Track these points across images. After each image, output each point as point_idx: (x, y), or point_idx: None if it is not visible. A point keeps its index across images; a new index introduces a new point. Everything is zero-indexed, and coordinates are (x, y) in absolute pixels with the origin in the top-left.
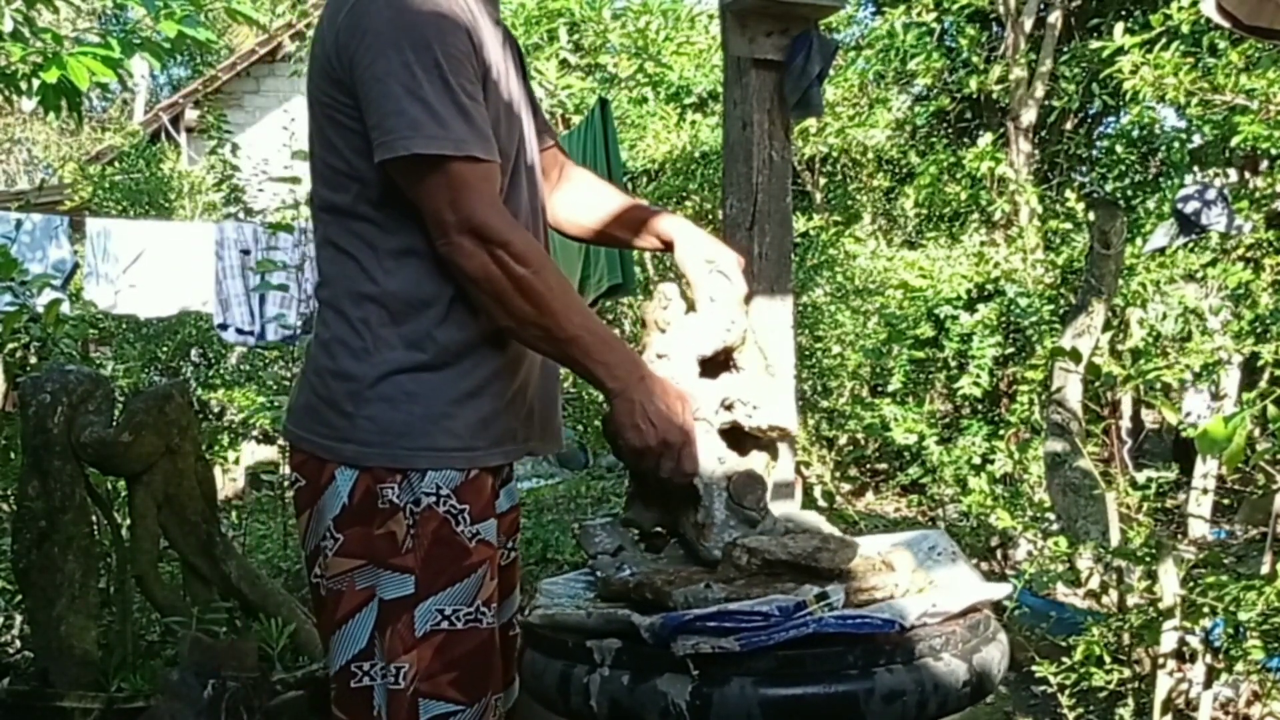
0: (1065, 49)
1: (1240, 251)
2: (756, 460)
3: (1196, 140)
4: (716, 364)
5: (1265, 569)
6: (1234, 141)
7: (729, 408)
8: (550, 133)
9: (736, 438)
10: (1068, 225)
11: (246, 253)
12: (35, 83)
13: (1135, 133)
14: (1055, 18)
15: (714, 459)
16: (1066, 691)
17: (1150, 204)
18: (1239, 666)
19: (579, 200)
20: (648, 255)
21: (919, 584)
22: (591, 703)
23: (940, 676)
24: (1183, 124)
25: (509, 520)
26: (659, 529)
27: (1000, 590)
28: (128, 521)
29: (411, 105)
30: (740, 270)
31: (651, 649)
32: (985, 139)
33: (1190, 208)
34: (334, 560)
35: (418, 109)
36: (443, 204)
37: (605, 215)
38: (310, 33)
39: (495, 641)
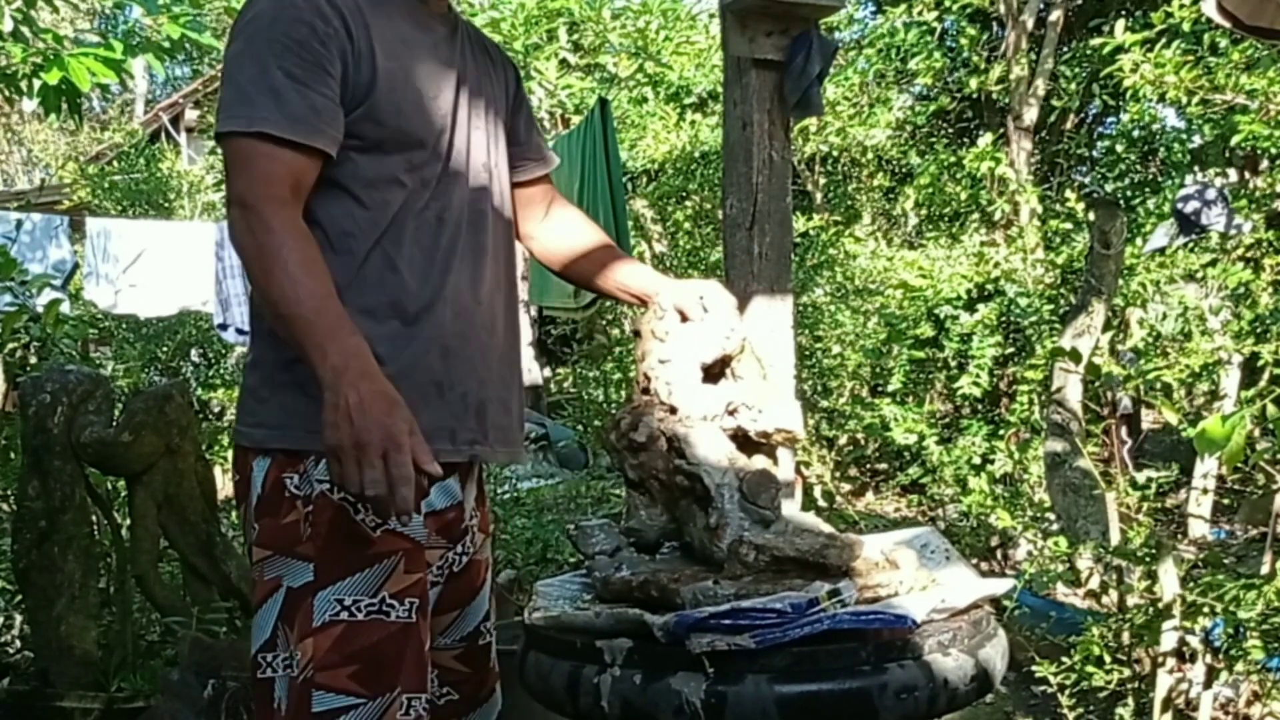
0: (1066, 49)
1: (1240, 251)
2: (758, 465)
3: (1196, 140)
4: (714, 373)
5: (1265, 569)
6: (1234, 141)
7: (733, 413)
8: (543, 161)
9: (741, 443)
10: (1068, 225)
11: None
12: (36, 83)
13: (1135, 133)
14: (1056, 17)
15: (725, 460)
16: (1066, 691)
17: (1150, 204)
18: (1239, 666)
19: (562, 240)
20: (647, 256)
21: (923, 581)
22: (603, 703)
23: (949, 672)
24: (1183, 124)
25: (448, 521)
26: (664, 538)
27: (1002, 586)
28: (128, 521)
29: (228, 89)
30: (733, 305)
31: (664, 648)
32: (985, 139)
33: (1190, 208)
34: (255, 550)
35: (231, 92)
36: (229, 177)
37: (584, 259)
38: None
39: (412, 637)
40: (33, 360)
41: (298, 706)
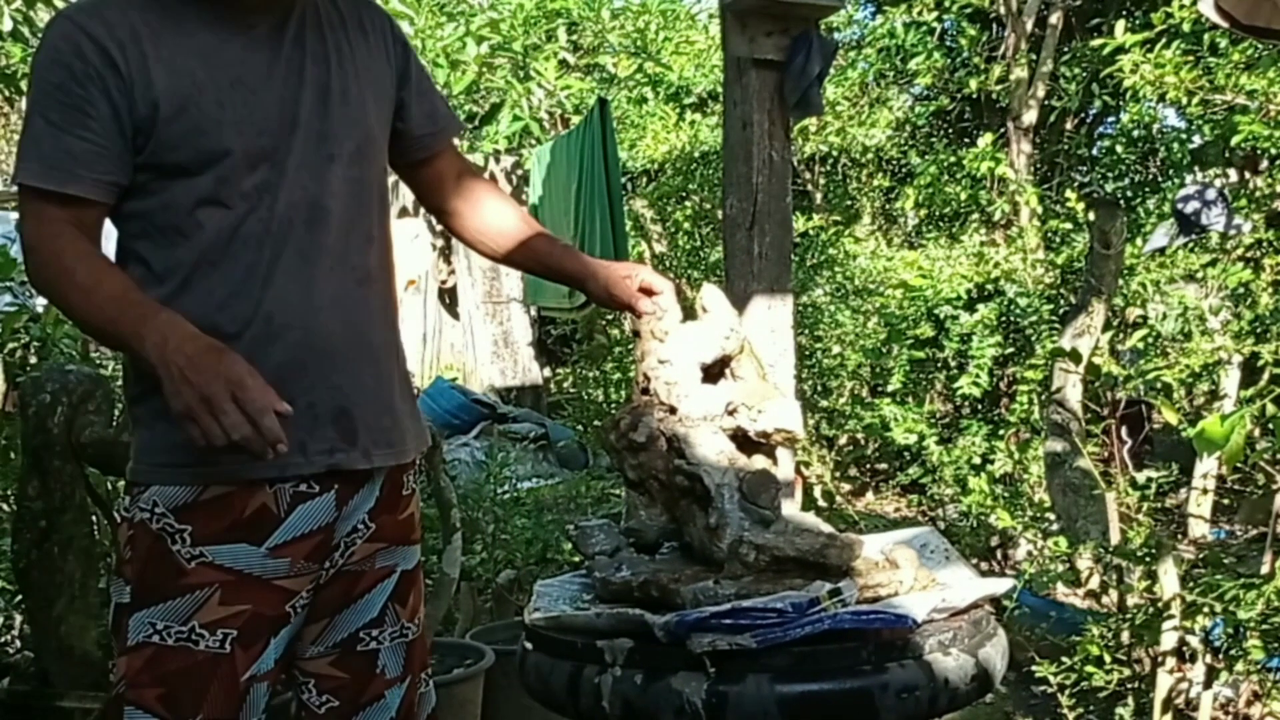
0: (1066, 49)
1: (1240, 251)
2: (758, 465)
3: (1196, 140)
4: (714, 373)
5: (1265, 569)
6: (1234, 141)
7: (732, 413)
8: (439, 134)
9: (740, 443)
10: (1068, 225)
11: None
12: None
13: (1135, 133)
14: (1056, 17)
15: (725, 460)
16: (1066, 691)
17: (1150, 204)
18: (1239, 666)
19: (487, 224)
20: (647, 256)
21: (923, 581)
22: (604, 703)
23: (950, 671)
24: (1183, 124)
25: (314, 545)
26: (663, 538)
27: (1003, 585)
28: None
29: (18, 144)
30: (673, 295)
31: (665, 647)
32: (985, 139)
33: (1190, 208)
34: None
35: (18, 147)
36: (19, 228)
37: (512, 244)
38: None
39: (222, 667)
40: (33, 360)
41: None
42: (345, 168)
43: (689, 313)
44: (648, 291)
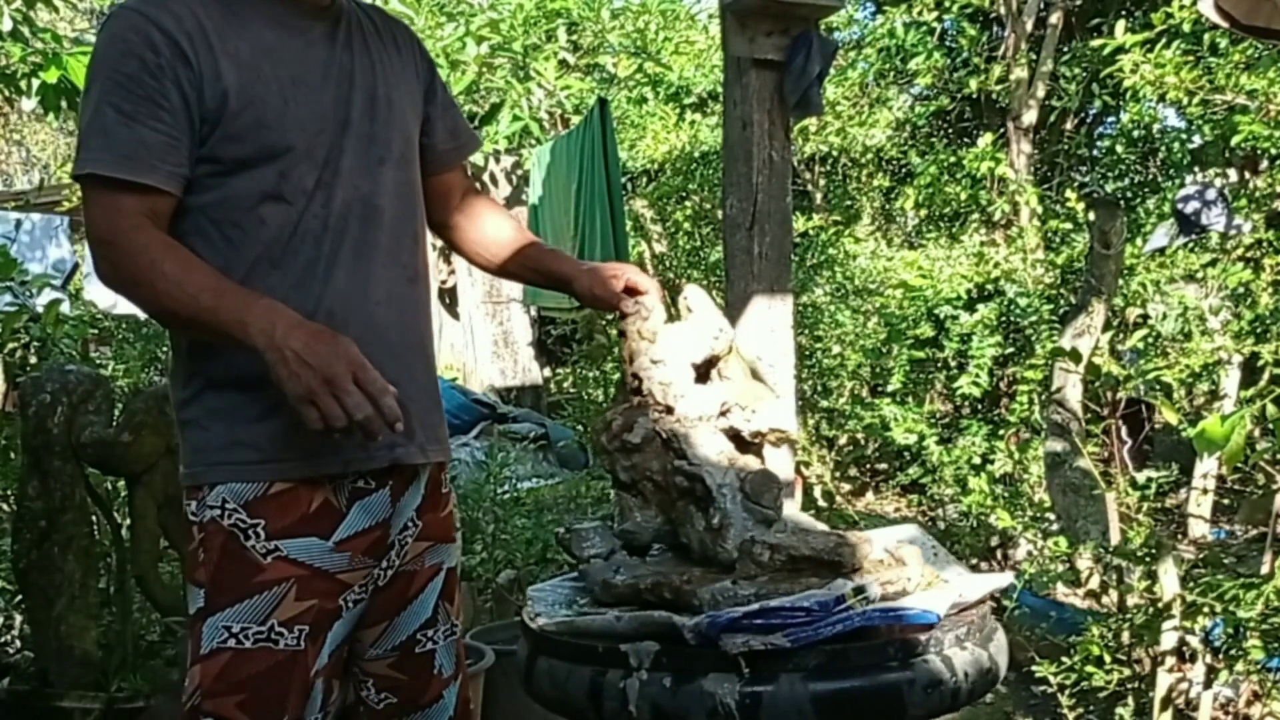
0: (1066, 49)
1: (1240, 251)
2: (754, 465)
3: (1196, 140)
4: (702, 374)
5: (1265, 569)
6: (1234, 141)
7: (725, 413)
8: (458, 150)
9: (734, 444)
10: (1068, 225)
11: None
12: (35, 83)
13: (1135, 133)
14: (1056, 17)
15: (725, 460)
16: (1066, 691)
17: (1150, 204)
18: (1239, 666)
19: (485, 236)
20: (647, 256)
21: (928, 578)
22: (631, 708)
23: (968, 665)
24: (1183, 124)
25: (372, 541)
26: (656, 541)
27: (1003, 580)
28: (128, 521)
29: (79, 134)
30: (658, 295)
31: (693, 649)
32: (985, 139)
33: (1190, 208)
34: None
35: (79, 137)
36: (86, 221)
37: (507, 254)
38: None
39: (299, 666)
40: (33, 360)
41: None
42: (394, 170)
43: (671, 312)
44: (632, 291)
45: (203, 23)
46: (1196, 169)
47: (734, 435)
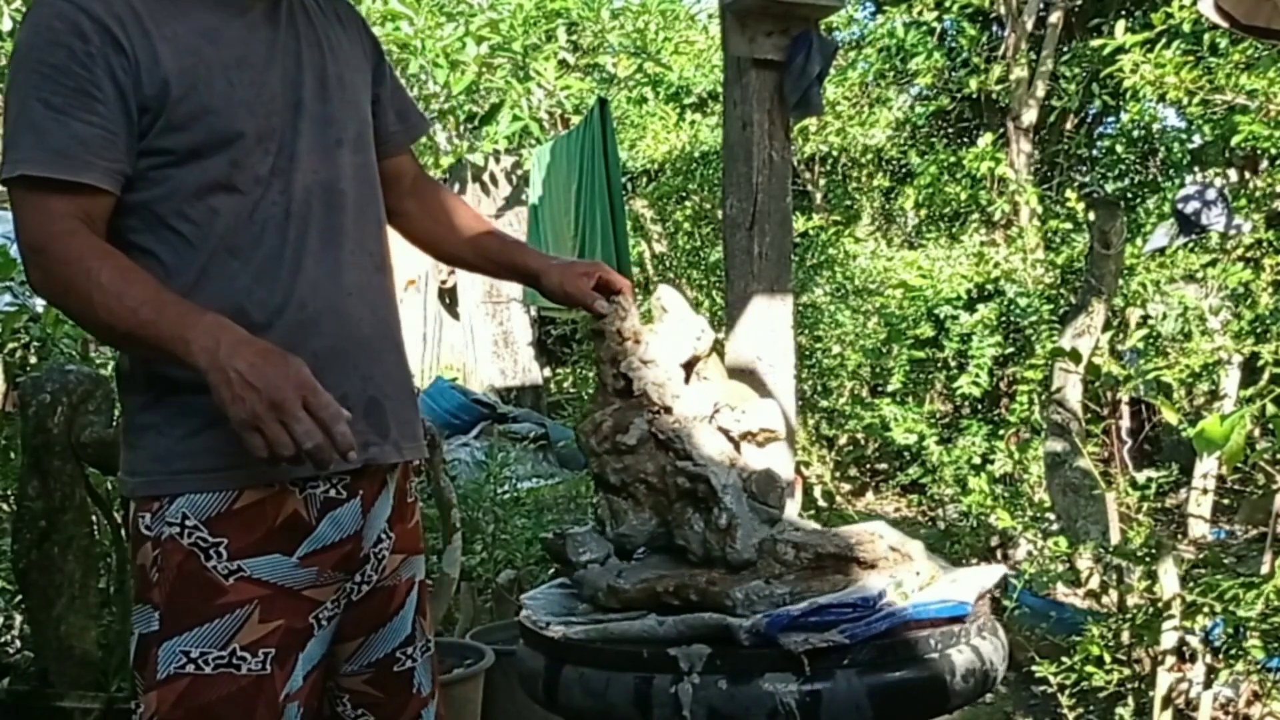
0: (1066, 49)
1: (1240, 251)
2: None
3: (1196, 140)
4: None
5: (1265, 569)
6: (1234, 141)
7: (715, 414)
8: (407, 132)
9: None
10: (1068, 225)
11: None
12: None
13: (1135, 133)
14: (1056, 17)
15: (726, 460)
16: (1066, 691)
17: (1150, 204)
18: (1239, 666)
19: (437, 223)
20: (647, 256)
21: (932, 572)
22: (685, 713)
23: (991, 654)
24: (1183, 124)
25: (343, 554)
26: (651, 543)
27: (999, 571)
28: None
29: (6, 134)
30: (631, 295)
31: (748, 650)
32: (985, 139)
33: (1190, 208)
34: None
35: (6, 137)
36: (15, 226)
37: (461, 242)
38: None
39: (265, 690)
40: (33, 360)
41: None
42: (352, 153)
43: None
44: (605, 289)
45: (134, 6)
46: (1196, 169)
47: (723, 435)
